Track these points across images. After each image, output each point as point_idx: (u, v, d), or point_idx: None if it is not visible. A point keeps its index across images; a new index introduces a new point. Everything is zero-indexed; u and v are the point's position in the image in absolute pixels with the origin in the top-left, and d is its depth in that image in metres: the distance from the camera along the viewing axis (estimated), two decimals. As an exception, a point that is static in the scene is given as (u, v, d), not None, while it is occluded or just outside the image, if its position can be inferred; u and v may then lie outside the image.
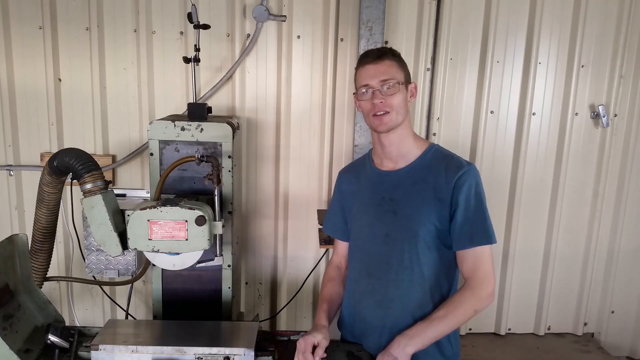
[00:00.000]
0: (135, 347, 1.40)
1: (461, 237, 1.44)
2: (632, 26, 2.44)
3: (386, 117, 1.46)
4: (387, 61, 1.47)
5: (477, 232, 1.43)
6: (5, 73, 2.40)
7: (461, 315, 1.42)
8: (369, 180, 1.60)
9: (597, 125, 2.54)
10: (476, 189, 1.44)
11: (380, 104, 1.45)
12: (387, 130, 1.48)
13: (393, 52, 1.51)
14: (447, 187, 1.44)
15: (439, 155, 1.52)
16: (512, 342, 2.66)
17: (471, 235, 1.43)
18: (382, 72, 1.45)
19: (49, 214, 1.65)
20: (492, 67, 2.45)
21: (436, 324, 1.41)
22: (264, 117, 2.48)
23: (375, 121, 1.48)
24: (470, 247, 1.43)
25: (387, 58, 1.47)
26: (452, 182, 1.43)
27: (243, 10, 2.39)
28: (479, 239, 1.43)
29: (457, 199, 1.42)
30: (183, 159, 1.67)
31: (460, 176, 1.43)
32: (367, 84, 1.47)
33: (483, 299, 1.43)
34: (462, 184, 1.42)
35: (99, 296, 2.62)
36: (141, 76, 2.42)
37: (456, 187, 1.43)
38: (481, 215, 1.43)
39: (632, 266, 2.69)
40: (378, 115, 1.46)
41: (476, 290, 1.42)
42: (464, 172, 1.44)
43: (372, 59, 1.47)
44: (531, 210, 2.59)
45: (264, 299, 2.67)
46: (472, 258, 1.44)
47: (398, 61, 1.50)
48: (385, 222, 1.52)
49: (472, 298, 1.42)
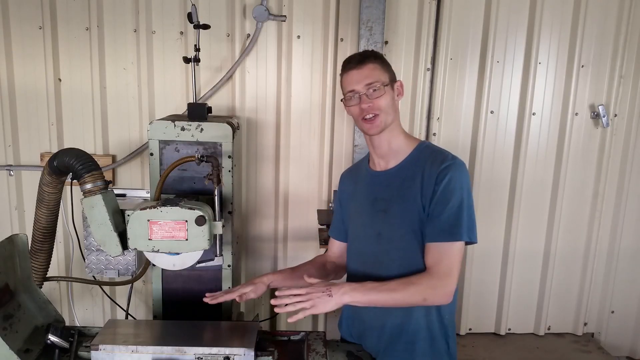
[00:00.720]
0: (135, 347, 1.40)
1: (432, 230, 1.40)
2: (632, 26, 2.44)
3: (376, 120, 1.46)
4: (370, 64, 1.46)
5: (449, 226, 1.39)
6: (5, 73, 2.40)
7: (409, 297, 1.38)
8: (364, 182, 1.61)
9: (597, 125, 2.54)
10: (457, 183, 1.40)
11: (368, 107, 1.45)
12: (378, 132, 1.48)
13: (375, 55, 1.50)
14: (429, 180, 1.42)
15: (427, 152, 1.51)
16: (512, 342, 2.66)
17: (441, 229, 1.39)
18: (365, 76, 1.45)
19: (49, 214, 1.65)
20: (492, 67, 2.45)
21: (382, 292, 1.37)
22: (264, 117, 2.48)
23: (365, 125, 1.48)
24: (438, 241, 1.39)
25: (369, 61, 1.47)
26: (434, 174, 1.41)
27: (243, 10, 2.39)
28: (449, 234, 1.39)
29: (437, 190, 1.40)
30: (183, 159, 1.67)
31: (443, 169, 1.41)
32: (353, 90, 1.46)
33: (437, 294, 1.39)
34: (443, 177, 1.40)
35: (99, 296, 2.62)
36: (141, 76, 2.42)
37: (438, 179, 1.40)
38: (457, 211, 1.39)
39: (632, 266, 2.69)
40: (368, 120, 1.46)
41: (435, 281, 1.38)
42: (447, 166, 1.41)
43: (355, 64, 1.47)
44: (531, 210, 2.59)
45: (264, 299, 2.67)
46: (437, 252, 1.40)
47: (381, 63, 1.49)
48: (377, 222, 1.52)
49: (427, 286, 1.38)
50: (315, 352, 1.53)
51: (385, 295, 1.37)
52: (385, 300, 1.39)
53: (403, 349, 1.50)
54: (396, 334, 1.50)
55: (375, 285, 1.38)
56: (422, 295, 1.38)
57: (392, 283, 1.39)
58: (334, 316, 2.64)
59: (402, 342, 1.50)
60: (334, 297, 1.33)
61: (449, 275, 1.39)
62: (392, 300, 1.39)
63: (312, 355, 1.51)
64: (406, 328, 1.49)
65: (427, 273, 1.40)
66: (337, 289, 1.34)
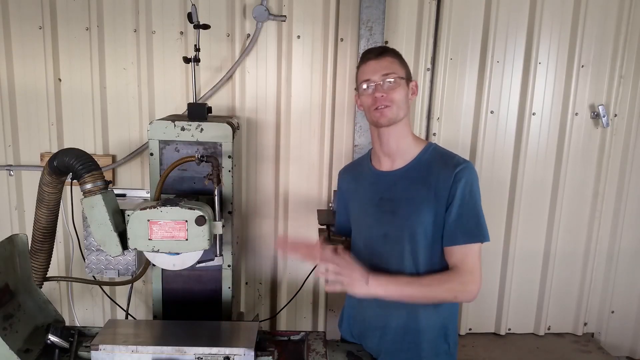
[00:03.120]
0: (135, 347, 1.40)
1: (454, 232, 1.42)
2: (632, 26, 2.44)
3: (387, 111, 1.46)
4: (389, 57, 1.49)
5: (470, 228, 1.41)
6: (5, 73, 2.40)
7: (442, 293, 1.41)
8: (367, 181, 1.60)
9: (597, 125, 2.54)
10: (472, 186, 1.44)
11: (382, 97, 1.45)
12: (387, 123, 1.47)
13: (394, 51, 1.53)
14: (445, 183, 1.43)
15: (437, 154, 1.52)
16: (512, 342, 2.66)
17: (464, 231, 1.41)
18: (384, 67, 1.46)
19: (49, 214, 1.65)
20: (492, 67, 2.45)
21: (417, 286, 1.40)
22: (264, 117, 2.48)
23: (376, 114, 1.47)
24: (462, 244, 1.41)
25: (388, 55, 1.49)
26: (450, 177, 1.43)
27: (243, 10, 2.39)
28: (471, 236, 1.41)
29: (454, 193, 1.42)
30: (183, 159, 1.67)
31: (459, 172, 1.43)
32: (369, 79, 1.47)
33: (467, 291, 1.41)
34: (459, 179, 1.42)
35: (99, 296, 2.62)
36: (141, 76, 2.42)
37: (454, 182, 1.42)
38: (475, 213, 1.42)
39: (632, 266, 2.69)
40: (379, 109, 1.46)
41: (464, 278, 1.40)
42: (462, 168, 1.43)
43: (374, 55, 1.49)
44: (531, 210, 2.59)
45: (264, 299, 2.67)
46: (460, 252, 1.42)
47: (399, 59, 1.51)
48: (383, 223, 1.51)
49: (459, 283, 1.40)
50: (315, 352, 1.53)
51: (419, 290, 1.39)
52: (418, 296, 1.40)
53: (407, 349, 1.50)
54: (400, 334, 1.50)
55: (410, 280, 1.41)
56: (454, 293, 1.41)
57: (426, 279, 1.41)
58: (334, 316, 2.64)
59: (406, 342, 1.50)
60: (370, 287, 1.34)
61: (475, 274, 1.41)
62: (423, 297, 1.41)
63: (312, 355, 1.51)
64: (410, 328, 1.49)
65: (456, 272, 1.41)
66: (374, 279, 1.35)
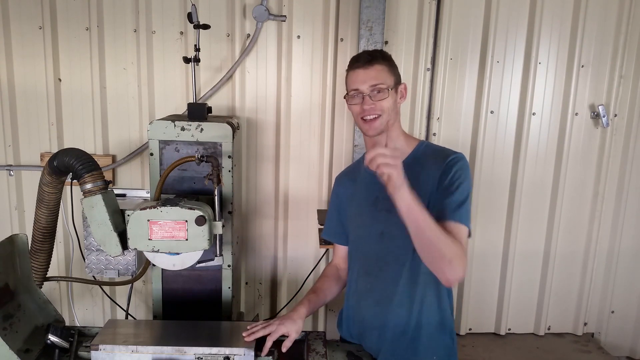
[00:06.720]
0: (135, 347, 1.40)
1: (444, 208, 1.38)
2: (632, 26, 2.44)
3: (376, 122, 1.46)
4: (377, 66, 1.46)
5: (459, 208, 1.38)
6: (5, 73, 2.40)
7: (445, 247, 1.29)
8: (363, 182, 1.61)
9: (597, 125, 2.54)
10: (466, 173, 1.43)
11: (370, 108, 1.45)
12: (376, 134, 1.49)
13: (383, 56, 1.51)
14: (436, 173, 1.44)
15: (429, 151, 1.54)
16: (512, 342, 2.66)
17: (453, 208, 1.38)
18: (372, 77, 1.45)
19: (49, 214, 1.65)
20: (492, 67, 2.45)
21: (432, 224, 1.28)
22: (264, 117, 2.48)
23: (365, 126, 1.49)
24: (450, 220, 1.36)
25: (377, 63, 1.47)
26: (441, 167, 1.44)
27: (243, 10, 2.39)
28: (460, 215, 1.37)
29: (446, 175, 1.41)
30: (183, 159, 1.67)
31: (450, 161, 1.44)
32: (357, 89, 1.47)
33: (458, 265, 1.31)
34: (451, 166, 1.43)
35: (99, 296, 2.62)
36: (141, 76, 2.42)
37: (446, 167, 1.43)
38: (464, 198, 1.39)
39: (632, 266, 2.69)
40: (368, 121, 1.47)
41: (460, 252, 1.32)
42: (454, 158, 1.45)
43: (362, 64, 1.47)
44: (531, 210, 2.59)
45: (264, 299, 2.67)
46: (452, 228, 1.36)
47: (388, 65, 1.49)
48: (380, 221, 1.52)
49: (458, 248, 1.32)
50: (315, 352, 1.53)
51: (432, 228, 1.28)
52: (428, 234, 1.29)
53: (406, 347, 1.50)
54: (399, 332, 1.50)
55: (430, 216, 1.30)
56: (452, 255, 1.30)
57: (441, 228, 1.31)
58: (333, 316, 2.64)
59: (405, 340, 1.50)
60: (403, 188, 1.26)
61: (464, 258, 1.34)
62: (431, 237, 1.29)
63: (312, 355, 1.51)
64: (408, 326, 1.49)
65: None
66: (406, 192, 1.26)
